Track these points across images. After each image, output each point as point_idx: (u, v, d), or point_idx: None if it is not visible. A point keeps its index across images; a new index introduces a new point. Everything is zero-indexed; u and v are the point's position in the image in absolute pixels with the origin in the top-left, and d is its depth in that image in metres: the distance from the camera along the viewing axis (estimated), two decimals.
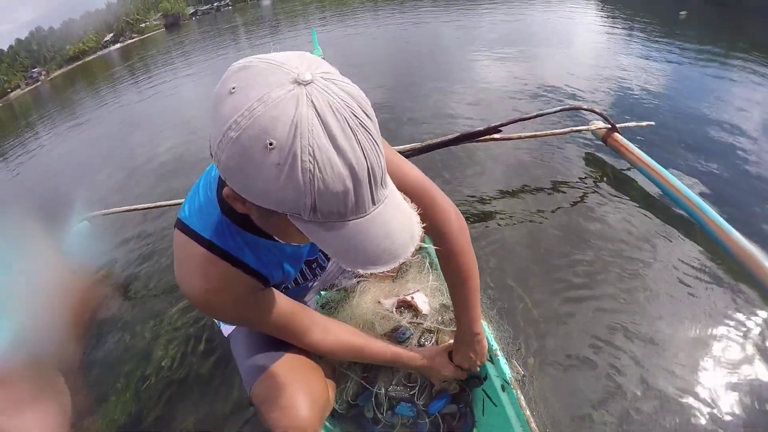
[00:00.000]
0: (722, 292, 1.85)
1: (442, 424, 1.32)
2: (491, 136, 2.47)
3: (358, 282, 1.42)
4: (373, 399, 1.28)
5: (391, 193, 0.64)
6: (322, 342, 1.10)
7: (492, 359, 1.25)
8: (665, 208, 2.37)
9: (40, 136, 9.00)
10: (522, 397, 1.15)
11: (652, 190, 2.51)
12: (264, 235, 0.91)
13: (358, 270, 0.68)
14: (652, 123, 2.94)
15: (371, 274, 1.43)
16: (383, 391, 1.24)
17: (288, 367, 1.11)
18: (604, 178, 2.71)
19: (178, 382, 1.85)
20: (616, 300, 1.86)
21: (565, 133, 2.77)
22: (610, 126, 2.76)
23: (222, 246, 0.87)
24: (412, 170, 1.04)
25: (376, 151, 0.58)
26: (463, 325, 1.18)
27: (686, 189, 2.26)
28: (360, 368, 1.29)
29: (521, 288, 1.98)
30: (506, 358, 1.22)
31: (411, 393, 1.25)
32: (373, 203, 0.60)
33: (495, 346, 1.23)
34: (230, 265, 0.88)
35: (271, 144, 0.52)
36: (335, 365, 1.34)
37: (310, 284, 1.28)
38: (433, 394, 1.27)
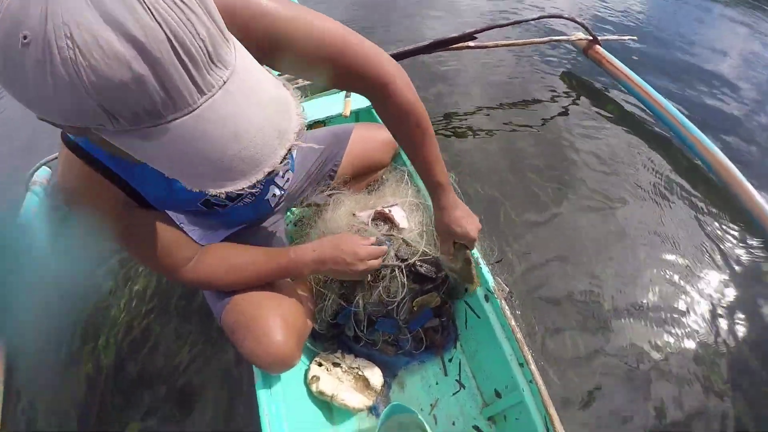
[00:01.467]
0: (702, 208, 1.85)
1: (425, 338, 1.28)
2: (466, 44, 2.31)
3: (330, 195, 1.33)
4: (351, 317, 1.23)
5: (237, 74, 0.48)
6: (198, 270, 0.95)
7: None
8: (645, 125, 2.33)
9: None
10: (506, 308, 1.11)
11: (632, 107, 2.44)
12: None
13: (209, 191, 0.49)
14: (635, 38, 2.85)
15: (346, 185, 1.34)
16: (361, 308, 1.18)
17: (258, 292, 1.05)
18: (583, 93, 2.62)
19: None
20: (597, 212, 1.83)
21: (543, 42, 2.63)
22: (591, 38, 2.62)
23: (82, 145, 0.74)
24: (327, 23, 0.78)
25: (193, 13, 0.43)
26: (441, 186, 1.03)
27: (669, 104, 2.20)
28: (337, 286, 1.23)
29: (501, 199, 1.92)
30: (489, 268, 1.17)
31: (389, 309, 1.19)
32: (201, 92, 0.45)
33: (476, 254, 1.18)
34: (85, 165, 0.74)
35: (25, 37, 0.39)
36: (311, 285, 1.27)
37: (271, 201, 1.19)
38: (415, 308, 1.22)
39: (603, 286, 1.57)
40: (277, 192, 1.18)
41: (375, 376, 1.26)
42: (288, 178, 1.22)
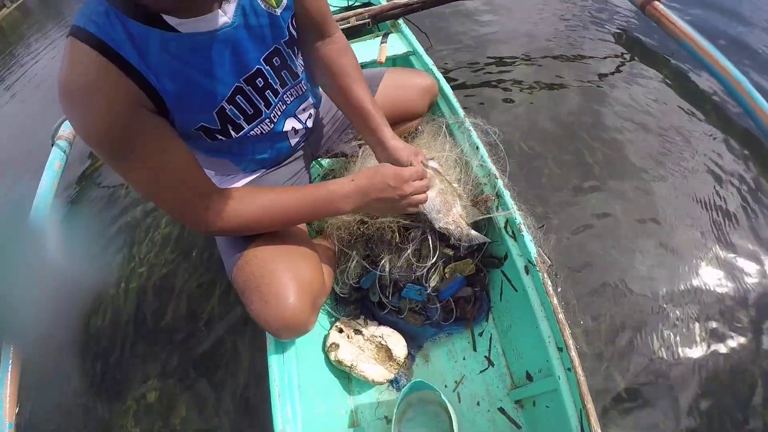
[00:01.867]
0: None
1: (455, 308, 1.17)
2: None
3: (360, 146, 1.20)
4: (376, 281, 1.12)
5: None
6: (217, 206, 0.84)
7: (515, 235, 1.06)
8: (707, 93, 2.07)
9: None
10: (549, 283, 0.97)
11: (694, 73, 2.19)
12: (158, 24, 0.69)
13: None
14: None
15: None
16: (387, 272, 1.07)
17: (272, 249, 0.94)
18: (637, 54, 2.38)
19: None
20: (646, 185, 1.64)
21: None
22: None
23: (95, 32, 0.64)
24: None
25: None
26: (393, 140, 1.03)
27: (737, 72, 1.95)
28: (362, 246, 1.11)
29: (545, 156, 1.78)
30: (531, 236, 1.03)
31: (419, 275, 1.08)
32: None
33: (518, 219, 1.04)
34: (99, 54, 0.65)
35: None
36: (334, 244, 1.16)
37: (291, 137, 1.07)
38: (446, 275, 1.10)
39: (654, 273, 1.40)
40: (297, 125, 1.06)
41: (399, 346, 1.17)
42: (310, 114, 1.10)
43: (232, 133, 0.90)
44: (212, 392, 1.32)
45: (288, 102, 0.99)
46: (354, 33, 1.96)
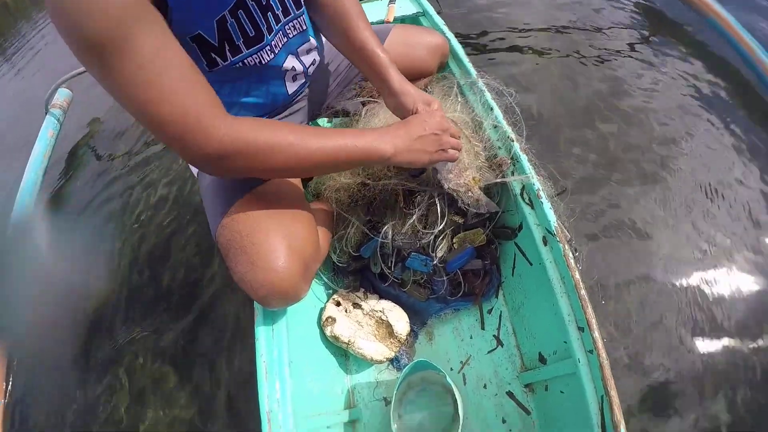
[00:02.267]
0: None
1: (463, 282, 1.08)
2: None
3: (363, 104, 1.11)
4: (377, 250, 1.02)
5: None
6: (233, 126, 0.69)
7: (532, 202, 0.97)
8: (731, 73, 1.93)
9: None
10: (570, 256, 0.88)
11: (717, 50, 2.05)
12: None
13: None
14: None
15: (378, 95, 1.11)
16: (390, 239, 0.98)
17: (262, 206, 0.85)
18: (660, 29, 2.25)
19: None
20: (670, 168, 1.53)
21: None
22: None
23: None
24: None
25: None
26: (401, 83, 0.92)
27: (762, 50, 1.83)
28: (363, 210, 1.02)
29: (561, 124, 1.68)
30: (550, 203, 0.93)
31: (424, 243, 0.98)
32: None
33: (536, 185, 0.94)
34: None
35: None
36: (331, 206, 1.06)
37: (288, 81, 0.97)
38: (455, 245, 1.01)
39: (684, 257, 1.30)
40: (298, 66, 0.96)
41: (401, 322, 1.08)
42: (314, 60, 1.01)
43: (229, 54, 0.80)
44: (207, 372, 1.26)
45: (290, 35, 0.91)
46: None
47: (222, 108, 0.69)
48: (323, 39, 1.07)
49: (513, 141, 1.00)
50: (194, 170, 1.02)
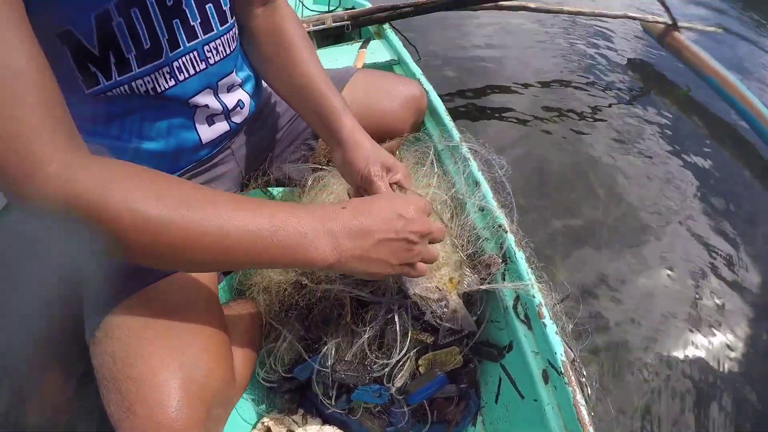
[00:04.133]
0: None
1: (430, 411, 0.81)
2: (522, 3, 1.85)
3: (313, 170, 0.86)
4: (314, 374, 0.75)
5: None
6: (88, 162, 0.44)
7: (529, 321, 0.71)
8: (728, 129, 1.79)
9: None
10: (582, 404, 0.62)
11: (714, 107, 1.91)
12: None
13: None
14: (720, 31, 2.36)
15: (329, 163, 0.87)
16: (330, 367, 0.70)
17: (150, 317, 0.58)
18: (654, 87, 2.11)
19: None
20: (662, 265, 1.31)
21: (615, 17, 2.14)
22: (670, 22, 2.15)
23: None
24: None
25: None
26: (354, 132, 0.70)
27: (765, 109, 1.69)
28: (299, 321, 0.75)
29: (551, 207, 1.43)
30: (556, 324, 0.68)
31: (377, 373, 0.71)
32: None
33: (537, 299, 0.69)
34: None
35: None
36: (258, 310, 0.79)
37: (199, 121, 0.71)
38: (420, 370, 0.75)
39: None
40: (215, 105, 0.71)
41: None
42: (240, 104, 0.76)
43: (114, 71, 0.56)
44: None
45: (210, 60, 0.67)
46: (330, 38, 1.65)
47: (71, 133, 0.44)
48: (264, 84, 0.84)
49: (506, 231, 0.76)
50: None
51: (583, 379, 0.64)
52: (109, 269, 0.63)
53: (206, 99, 0.69)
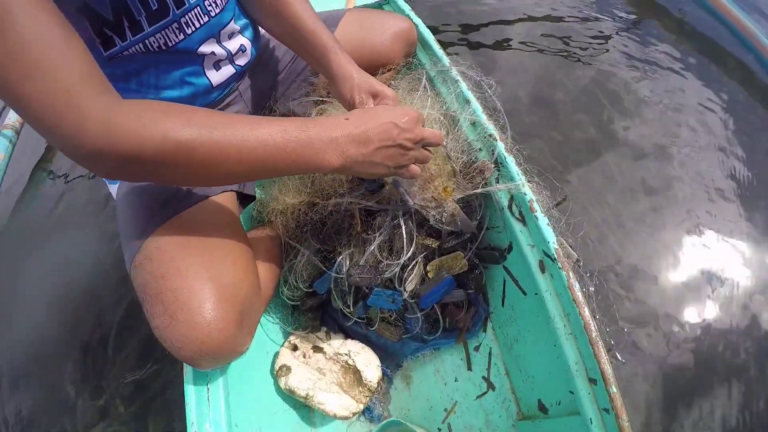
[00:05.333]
0: None
1: (442, 317, 0.89)
2: None
3: (316, 103, 0.92)
4: (332, 285, 0.82)
5: None
6: (127, 109, 0.50)
7: (524, 217, 0.77)
8: (728, 58, 1.77)
9: None
10: (576, 285, 0.68)
11: (709, 30, 1.89)
12: None
13: None
14: None
15: (329, 94, 0.93)
16: (345, 273, 0.77)
17: (183, 240, 0.66)
18: (648, 13, 2.08)
19: None
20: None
21: None
22: None
23: None
24: None
25: None
26: (341, 67, 0.75)
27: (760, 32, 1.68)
28: (314, 237, 0.82)
29: (548, 125, 1.46)
30: (546, 217, 0.74)
31: (389, 276, 0.78)
32: None
33: (528, 195, 0.75)
34: None
35: None
36: (277, 232, 0.86)
37: (209, 71, 0.78)
38: (428, 274, 0.81)
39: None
40: (220, 52, 0.77)
41: (370, 367, 0.88)
42: (242, 48, 0.82)
43: (129, 32, 0.62)
44: None
45: (211, 13, 0.72)
46: None
47: (103, 84, 0.51)
48: (262, 31, 0.90)
49: (496, 140, 0.81)
50: (113, 190, 0.82)
51: (578, 262, 0.70)
52: (140, 208, 0.71)
53: (211, 47, 0.75)
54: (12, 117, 1.93)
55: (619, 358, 1.00)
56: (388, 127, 0.61)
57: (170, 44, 0.68)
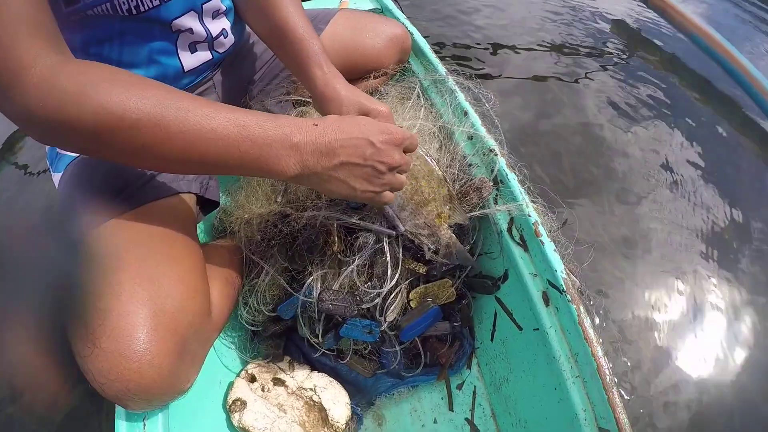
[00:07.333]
0: None
1: (423, 352, 0.79)
2: None
3: (294, 104, 0.82)
4: (298, 311, 0.71)
5: None
6: (70, 67, 0.44)
7: (525, 242, 0.68)
8: (716, 93, 1.77)
9: None
10: (587, 322, 0.59)
11: (701, 67, 1.88)
12: None
13: None
14: None
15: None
16: (316, 297, 0.67)
17: (122, 244, 0.56)
18: (640, 48, 2.08)
19: None
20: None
21: None
22: None
23: None
24: None
25: None
26: (327, 86, 0.66)
27: (754, 68, 1.67)
28: (282, 254, 0.72)
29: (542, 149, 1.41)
30: (552, 243, 0.65)
31: (367, 304, 0.68)
32: None
33: (533, 217, 0.66)
34: None
35: None
36: (239, 246, 0.75)
37: (182, 50, 0.69)
38: (411, 304, 0.71)
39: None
40: (198, 29, 0.68)
41: (339, 405, 0.77)
42: (224, 31, 0.73)
43: None
44: None
45: None
46: None
47: (54, 39, 0.46)
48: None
49: (496, 155, 0.72)
50: (56, 178, 0.71)
51: (584, 294, 0.62)
52: (79, 199, 0.60)
53: (190, 22, 0.66)
54: None
55: (625, 396, 0.91)
56: (359, 143, 0.53)
57: (142, 9, 0.58)
